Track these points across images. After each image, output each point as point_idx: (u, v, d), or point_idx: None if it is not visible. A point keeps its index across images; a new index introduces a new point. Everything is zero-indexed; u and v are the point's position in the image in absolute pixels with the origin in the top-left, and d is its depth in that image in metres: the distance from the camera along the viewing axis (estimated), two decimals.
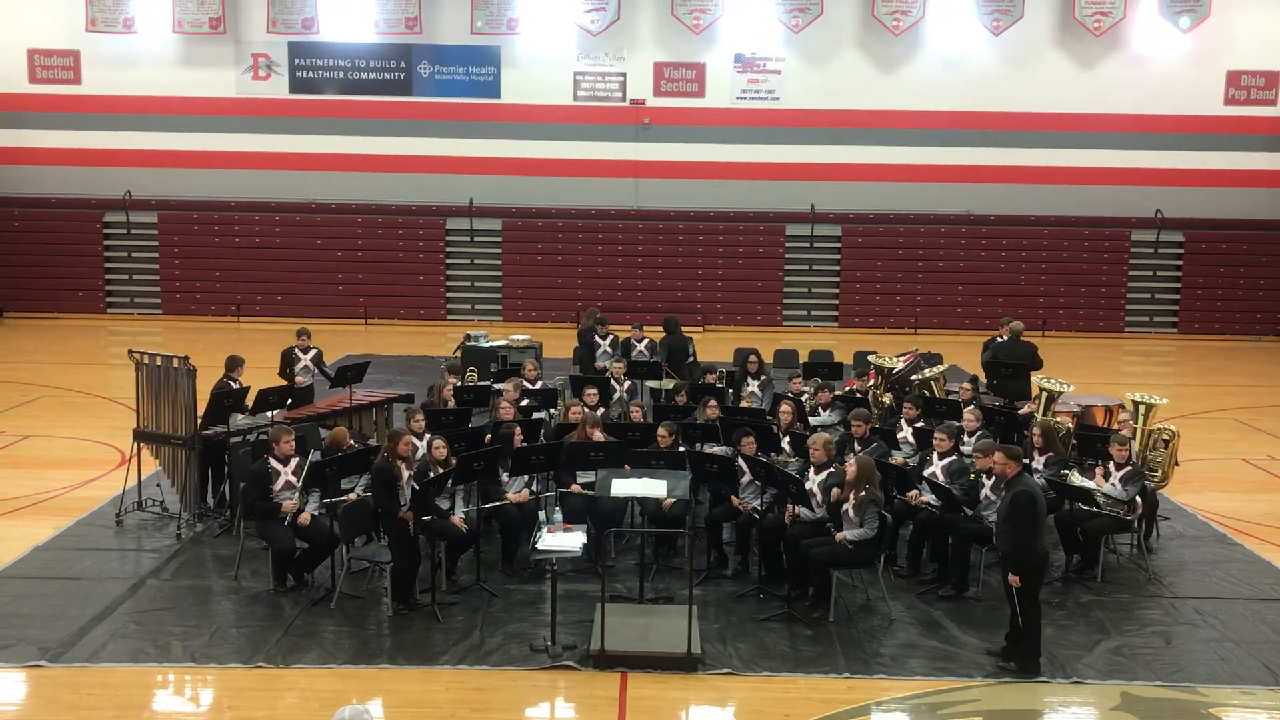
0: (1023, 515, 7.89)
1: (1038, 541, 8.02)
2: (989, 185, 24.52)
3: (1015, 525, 7.91)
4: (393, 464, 8.94)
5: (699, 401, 11.61)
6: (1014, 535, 7.92)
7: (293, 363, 13.38)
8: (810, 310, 25.00)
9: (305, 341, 13.65)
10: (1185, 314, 24.82)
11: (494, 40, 24.06)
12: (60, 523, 10.76)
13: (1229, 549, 10.72)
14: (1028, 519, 7.89)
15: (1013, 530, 7.93)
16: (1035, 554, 7.97)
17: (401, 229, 24.73)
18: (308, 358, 13.49)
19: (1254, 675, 8.09)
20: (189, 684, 7.82)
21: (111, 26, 23.78)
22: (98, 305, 24.64)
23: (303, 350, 13.54)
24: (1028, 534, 7.91)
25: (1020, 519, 7.89)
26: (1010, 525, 7.94)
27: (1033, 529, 7.93)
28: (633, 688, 7.73)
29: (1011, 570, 7.96)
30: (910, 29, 23.75)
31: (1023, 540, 7.90)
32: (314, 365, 13.51)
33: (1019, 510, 7.90)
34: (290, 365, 13.33)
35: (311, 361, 13.50)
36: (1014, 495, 7.95)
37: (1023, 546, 7.90)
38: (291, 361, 13.38)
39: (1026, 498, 7.91)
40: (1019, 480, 8.07)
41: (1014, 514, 7.92)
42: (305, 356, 13.49)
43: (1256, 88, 24.17)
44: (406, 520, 8.75)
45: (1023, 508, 7.89)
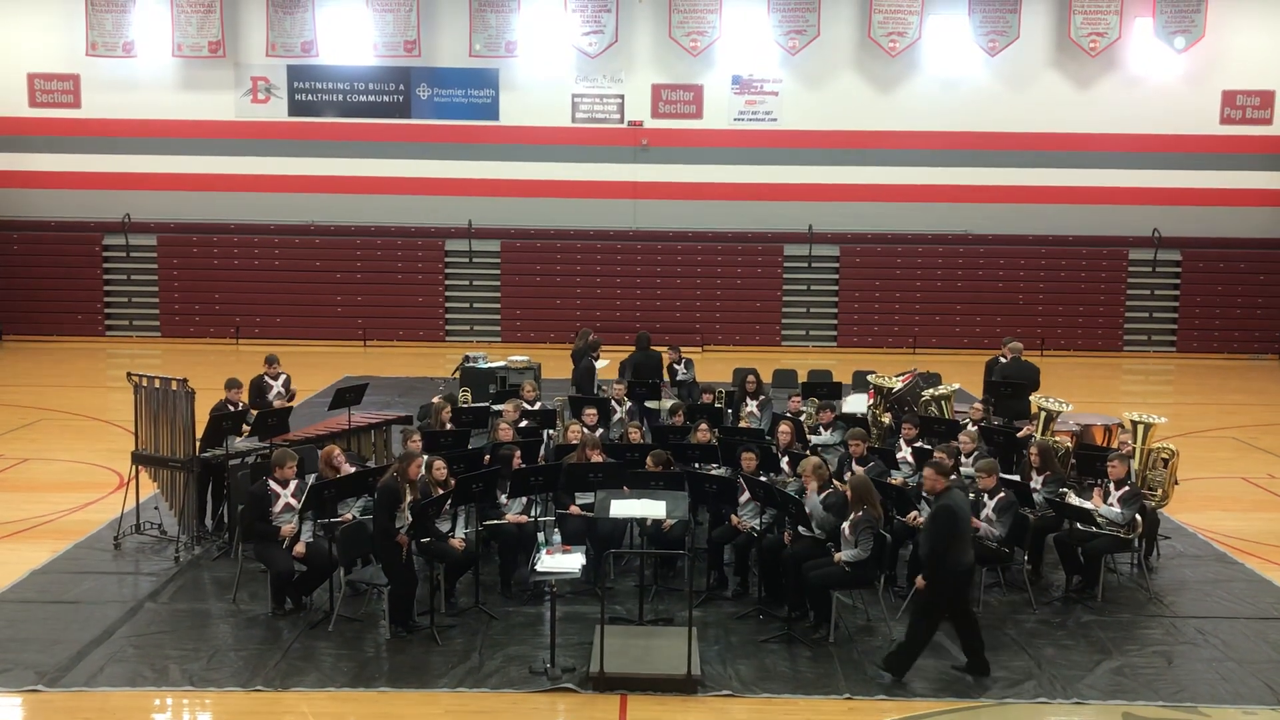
0: (939, 527, 8.10)
1: (954, 556, 8.13)
2: (986, 205, 24.58)
3: (928, 535, 8.19)
4: (400, 485, 8.92)
5: (696, 422, 11.59)
6: (934, 544, 8.12)
7: (264, 391, 12.99)
8: (809, 330, 25.03)
9: (275, 369, 13.25)
10: (1183, 333, 24.85)
11: (492, 63, 24.16)
12: (58, 546, 10.73)
13: (1230, 568, 10.70)
14: (943, 531, 8.08)
15: (933, 540, 8.13)
16: (953, 568, 8.12)
17: (400, 250, 24.77)
18: (278, 384, 13.16)
19: (1256, 695, 8.06)
20: (187, 708, 7.78)
21: (111, 50, 23.89)
22: (97, 328, 24.64)
23: (272, 377, 13.16)
24: (939, 543, 8.08)
25: (936, 529, 8.11)
26: (931, 535, 8.18)
27: (947, 541, 8.09)
28: (632, 710, 7.70)
29: (923, 575, 8.25)
30: (906, 50, 23.86)
31: (933, 547, 8.09)
32: (285, 390, 13.18)
33: (937, 523, 8.13)
34: (262, 394, 12.93)
35: (282, 387, 13.16)
36: (938, 506, 8.18)
37: (931, 554, 8.10)
38: (263, 390, 12.98)
39: (946, 512, 8.11)
40: (946, 495, 8.26)
41: (932, 525, 8.17)
42: (276, 383, 13.15)
43: (1252, 107, 24.28)
44: (401, 545, 8.71)
45: (941, 521, 8.11)
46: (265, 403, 12.77)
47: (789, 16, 23.68)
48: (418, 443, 10.32)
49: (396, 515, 8.80)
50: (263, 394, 12.94)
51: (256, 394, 12.85)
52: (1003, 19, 23.68)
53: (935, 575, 8.13)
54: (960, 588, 8.31)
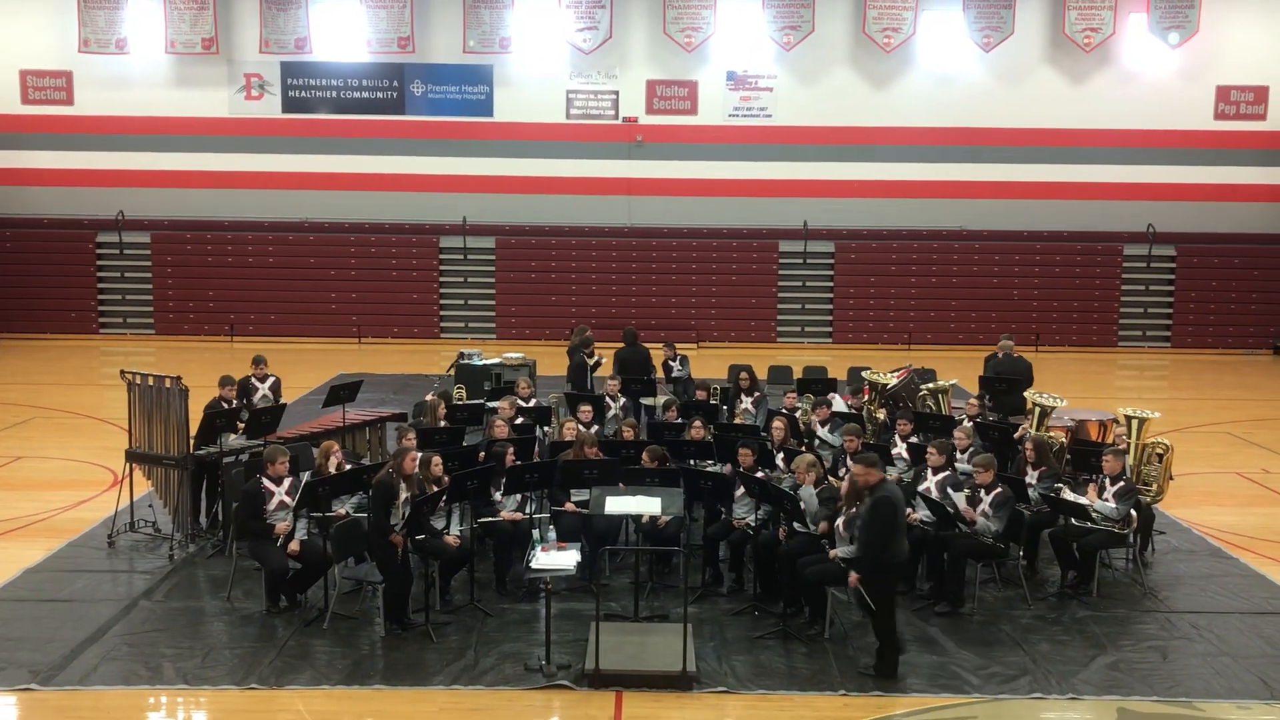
0: (881, 519, 8.04)
1: (892, 547, 8.16)
2: (981, 201, 24.60)
3: (872, 530, 8.07)
4: (395, 481, 8.90)
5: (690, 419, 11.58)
6: (873, 538, 8.07)
7: (250, 393, 12.59)
8: (804, 326, 25.04)
9: (262, 370, 12.85)
10: (1178, 328, 24.89)
11: (487, 59, 24.13)
12: (52, 544, 10.70)
13: (1224, 563, 10.72)
14: (886, 524, 8.06)
15: (872, 534, 8.08)
16: (890, 560, 8.14)
17: (395, 247, 24.74)
18: (265, 386, 12.80)
19: (1250, 689, 8.07)
20: (181, 706, 7.76)
21: (104, 47, 23.82)
22: (90, 326, 24.60)
23: (259, 379, 12.77)
24: (881, 536, 8.07)
25: (879, 522, 8.04)
26: (866, 530, 8.11)
27: (885, 533, 8.09)
28: (628, 707, 7.69)
29: (856, 569, 8.16)
30: (901, 46, 23.86)
31: (875, 540, 8.06)
32: (271, 394, 12.78)
33: (879, 515, 8.06)
34: (247, 396, 12.53)
35: (269, 390, 12.79)
36: (873, 501, 8.11)
37: (872, 547, 8.07)
38: (249, 391, 12.60)
39: (887, 504, 8.09)
40: (881, 487, 8.21)
41: (874, 518, 8.07)
42: (263, 385, 12.74)
43: (1246, 102, 24.31)
44: (396, 544, 8.70)
45: (883, 513, 8.05)
46: (250, 405, 12.27)
47: (783, 12, 23.67)
48: (412, 440, 10.30)
49: (391, 512, 8.78)
50: (248, 395, 12.50)
51: (242, 395, 12.40)
52: (997, 14, 23.69)
53: (876, 569, 8.08)
54: (895, 581, 8.33)
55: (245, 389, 12.60)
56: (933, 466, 9.95)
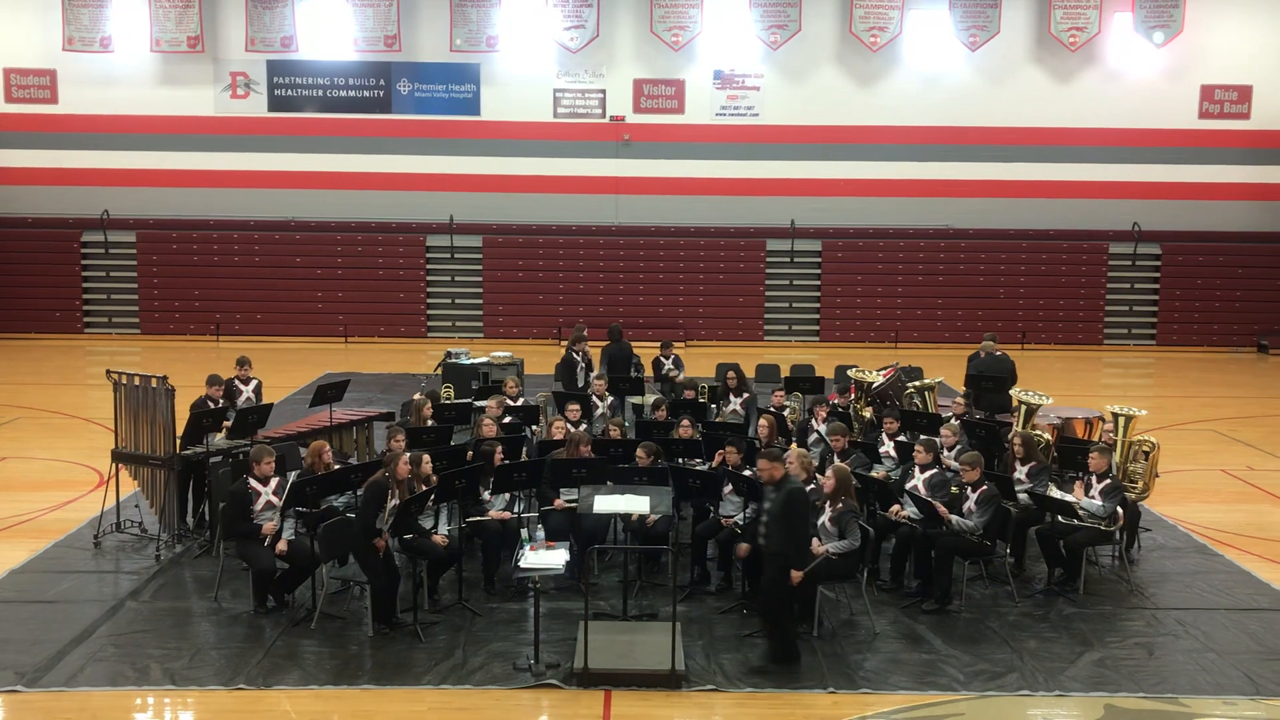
0: (796, 513, 8.10)
1: (809, 538, 8.27)
2: (967, 200, 24.67)
3: (790, 523, 8.08)
4: (391, 485, 8.87)
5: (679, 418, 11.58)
6: (789, 533, 8.07)
7: (235, 394, 12.44)
8: (791, 325, 25.07)
9: (246, 372, 12.70)
10: (1163, 326, 25.01)
11: (473, 58, 24.10)
12: (37, 545, 10.65)
13: (1210, 559, 10.77)
14: (800, 517, 8.13)
15: (788, 528, 8.08)
16: (805, 553, 8.22)
17: (381, 246, 24.69)
18: (249, 389, 12.64)
19: (1236, 685, 8.11)
20: (169, 707, 7.74)
21: (88, 46, 23.71)
22: (75, 325, 24.49)
23: (243, 381, 12.61)
24: (800, 531, 8.15)
25: (795, 517, 8.09)
26: (785, 524, 8.09)
27: (805, 525, 8.22)
28: (617, 705, 7.69)
29: (793, 566, 8.10)
30: (888, 45, 23.92)
31: (799, 537, 8.12)
32: (254, 396, 12.64)
33: (793, 509, 8.08)
34: (232, 399, 12.36)
35: (253, 393, 12.65)
36: (788, 494, 8.11)
37: (800, 543, 8.12)
38: (234, 393, 12.44)
39: (800, 494, 8.15)
40: (787, 481, 8.24)
41: (789, 512, 8.09)
42: (247, 388, 12.58)
43: (1230, 101, 24.44)
44: (379, 547, 8.68)
45: (797, 507, 8.09)
46: (234, 406, 12.13)
47: (770, 11, 23.70)
48: (401, 442, 10.28)
49: (379, 515, 8.76)
50: (232, 399, 12.36)
51: (226, 397, 12.23)
52: (983, 14, 23.76)
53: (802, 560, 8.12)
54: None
55: (230, 391, 12.44)
56: (920, 464, 9.98)
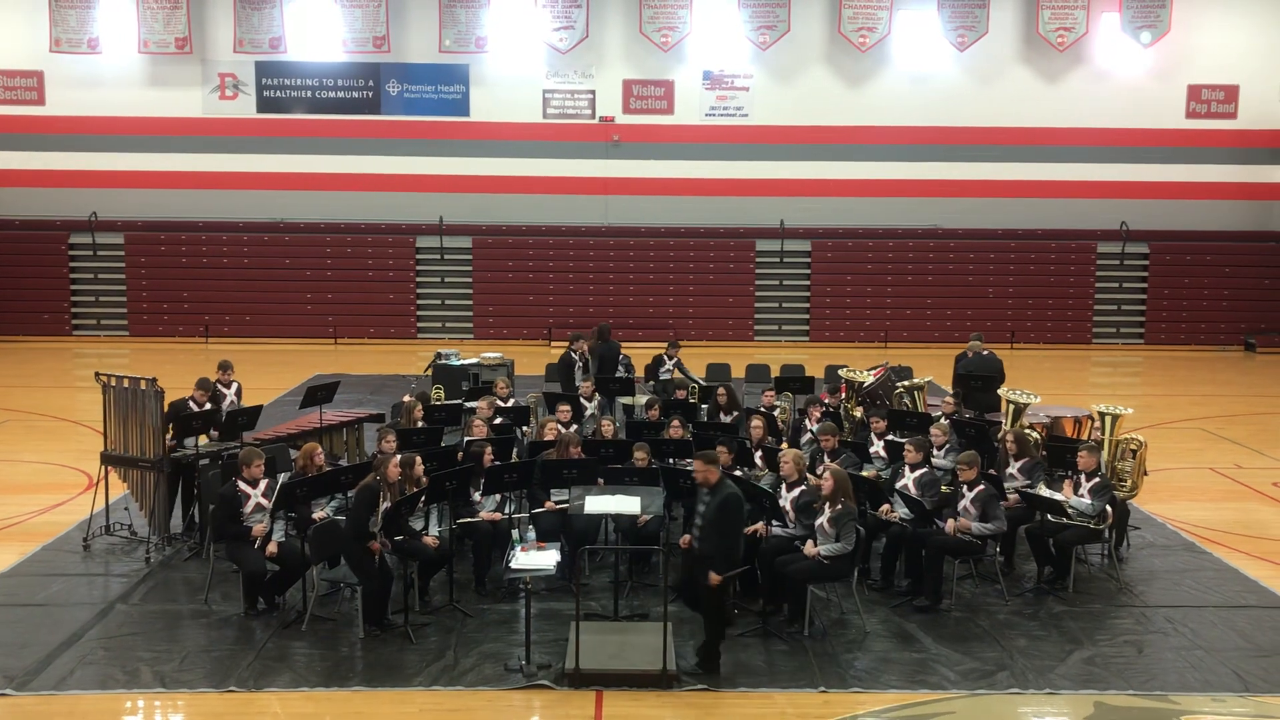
0: (732, 517, 8.07)
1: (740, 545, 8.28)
2: (956, 200, 24.74)
3: (723, 529, 8.05)
4: (382, 489, 8.86)
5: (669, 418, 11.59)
6: (720, 538, 8.04)
7: (218, 400, 12.20)
8: (781, 325, 25.11)
9: (228, 376, 12.55)
10: (1151, 325, 25.11)
11: (463, 59, 24.08)
12: (26, 548, 10.60)
13: (1198, 557, 10.82)
14: (735, 521, 8.12)
15: (720, 534, 8.04)
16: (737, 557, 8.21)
17: (371, 248, 24.65)
18: (231, 392, 12.41)
19: (1224, 683, 8.15)
20: (159, 710, 7.71)
21: (76, 47, 23.63)
22: (63, 328, 24.39)
23: (225, 385, 12.41)
24: (735, 537, 8.14)
25: (729, 523, 8.07)
26: (718, 529, 8.05)
27: (738, 530, 8.21)
28: (608, 706, 7.70)
29: (715, 570, 7.99)
30: (876, 45, 23.96)
31: (731, 542, 8.08)
32: (237, 400, 12.49)
33: (729, 513, 8.05)
34: (216, 403, 12.11)
35: (235, 396, 12.51)
36: (723, 499, 8.07)
37: (731, 548, 8.08)
38: (216, 400, 12.17)
39: (736, 500, 8.11)
40: (723, 485, 8.19)
41: (723, 518, 8.04)
42: (229, 391, 12.40)
43: (1216, 101, 24.55)
44: (374, 550, 8.68)
45: (733, 511, 8.07)
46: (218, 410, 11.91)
47: (759, 12, 23.73)
48: (392, 443, 10.28)
49: (371, 519, 8.75)
50: (216, 403, 12.12)
51: (210, 402, 11.97)
52: (971, 14, 23.82)
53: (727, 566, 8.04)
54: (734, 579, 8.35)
55: (213, 395, 12.15)
56: (910, 464, 10.00)
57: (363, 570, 8.66)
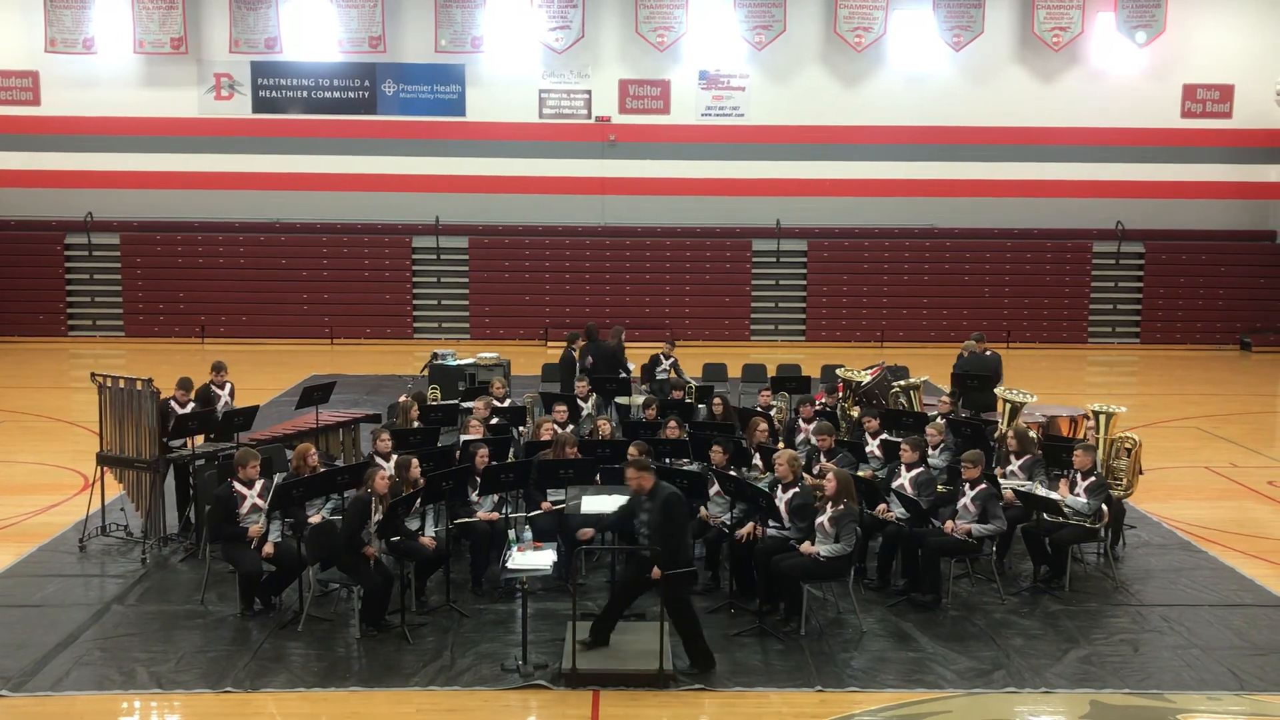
0: (677, 517, 8.11)
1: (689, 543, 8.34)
2: (952, 199, 24.76)
3: (669, 530, 8.07)
4: (373, 500, 8.84)
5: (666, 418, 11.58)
6: (668, 539, 8.05)
7: (211, 400, 12.21)
8: (777, 325, 25.12)
9: (222, 376, 12.49)
10: (1147, 324, 25.14)
11: (458, 59, 24.07)
12: (22, 549, 10.59)
13: (1194, 556, 10.84)
14: (681, 520, 8.16)
15: (667, 535, 8.06)
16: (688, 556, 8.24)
17: (367, 248, 24.64)
18: (225, 393, 12.33)
19: (1220, 681, 8.16)
20: (155, 711, 7.71)
21: (71, 47, 23.60)
22: (59, 328, 24.36)
23: (219, 386, 12.37)
24: (681, 537, 8.16)
25: (674, 523, 8.09)
26: (664, 532, 8.06)
27: (684, 531, 8.25)
28: (605, 706, 7.70)
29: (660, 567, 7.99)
30: (872, 45, 23.98)
31: (678, 543, 8.10)
32: (230, 400, 12.42)
33: (673, 513, 8.08)
34: (209, 404, 12.13)
35: (229, 397, 12.44)
36: (664, 501, 8.10)
37: (679, 548, 8.09)
38: (209, 400, 12.21)
39: (677, 499, 8.15)
40: (660, 488, 8.22)
41: (667, 519, 8.07)
42: (223, 392, 12.35)
43: (1212, 100, 24.59)
44: (369, 556, 8.68)
45: (676, 511, 8.10)
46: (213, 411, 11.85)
47: (755, 12, 23.74)
48: (387, 441, 10.28)
49: (364, 529, 8.73)
50: (210, 404, 12.12)
51: (203, 404, 12.03)
52: (967, 14, 23.85)
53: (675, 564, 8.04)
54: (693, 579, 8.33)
55: (206, 398, 12.17)
56: (906, 463, 10.01)
57: (360, 577, 8.67)
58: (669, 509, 8.09)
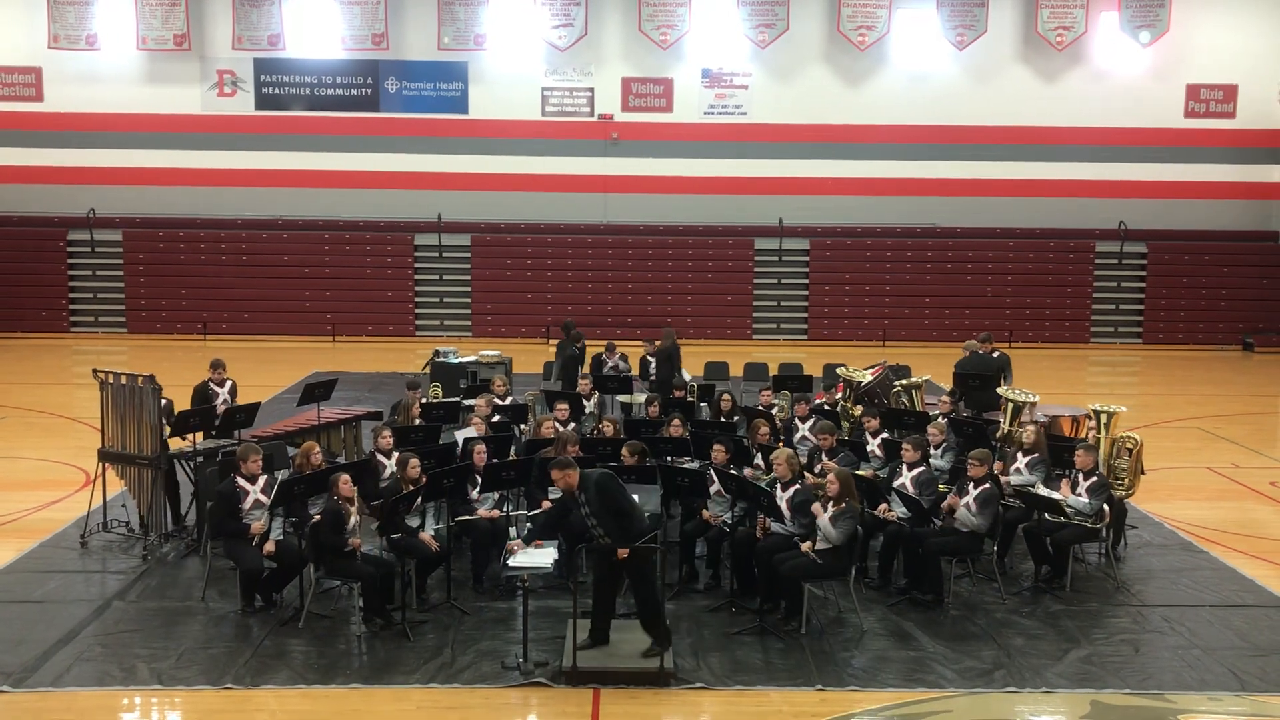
0: (611, 494, 8.08)
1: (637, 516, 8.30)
2: (955, 198, 24.74)
3: (611, 508, 8.06)
4: (341, 506, 8.80)
5: (669, 417, 11.58)
6: (616, 517, 8.05)
7: (209, 399, 12.16)
8: (780, 323, 25.10)
9: (221, 374, 12.42)
10: (1149, 324, 25.12)
11: (462, 56, 24.07)
12: (23, 545, 10.60)
13: (1195, 556, 10.83)
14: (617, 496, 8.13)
15: (613, 514, 8.05)
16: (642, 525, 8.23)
17: (369, 245, 24.64)
18: (224, 390, 12.33)
19: (1221, 681, 8.16)
20: (156, 707, 7.72)
21: (74, 44, 23.61)
22: (61, 324, 24.38)
23: (218, 384, 12.34)
24: (626, 511, 8.15)
25: (612, 497, 8.08)
26: (608, 512, 8.06)
27: (627, 506, 8.22)
28: (605, 704, 7.70)
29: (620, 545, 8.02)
30: (875, 44, 23.96)
31: (625, 520, 8.09)
32: (230, 398, 12.38)
33: (606, 493, 8.05)
34: (208, 401, 12.08)
35: (229, 394, 12.40)
36: (595, 484, 8.06)
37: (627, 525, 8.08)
38: (207, 398, 12.16)
39: (605, 478, 8.15)
40: (586, 475, 8.19)
41: (604, 499, 8.04)
42: (222, 389, 12.31)
43: (1215, 100, 24.56)
44: (356, 546, 8.69)
45: (608, 489, 8.08)
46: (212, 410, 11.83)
47: (758, 10, 23.72)
48: (388, 439, 10.29)
49: (347, 532, 8.73)
50: (208, 401, 12.06)
51: (200, 402, 11.98)
52: (970, 13, 23.82)
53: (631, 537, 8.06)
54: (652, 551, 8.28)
55: (204, 395, 12.16)
56: (907, 462, 10.00)
57: (353, 574, 8.67)
58: (601, 489, 8.05)
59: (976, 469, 9.58)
